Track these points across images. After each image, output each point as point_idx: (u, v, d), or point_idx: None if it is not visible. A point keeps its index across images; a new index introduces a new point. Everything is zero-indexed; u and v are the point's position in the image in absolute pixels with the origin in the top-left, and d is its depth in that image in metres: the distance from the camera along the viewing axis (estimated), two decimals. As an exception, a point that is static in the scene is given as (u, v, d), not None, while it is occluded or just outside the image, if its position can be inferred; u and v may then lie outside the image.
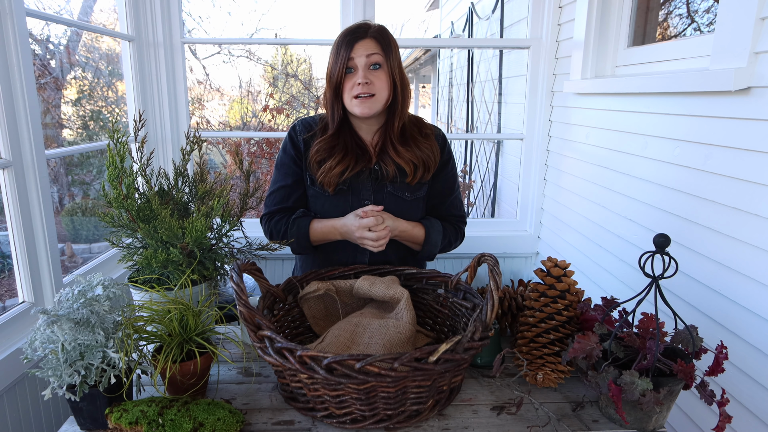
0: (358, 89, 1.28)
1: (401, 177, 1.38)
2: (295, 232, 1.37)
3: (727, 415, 0.92)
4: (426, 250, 1.44)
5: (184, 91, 2.18)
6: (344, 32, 1.32)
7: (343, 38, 1.30)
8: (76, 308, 0.96)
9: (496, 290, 0.97)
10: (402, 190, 1.40)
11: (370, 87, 1.29)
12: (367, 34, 1.30)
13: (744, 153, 1.17)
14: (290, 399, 1.04)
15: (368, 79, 1.28)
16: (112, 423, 0.90)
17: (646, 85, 1.49)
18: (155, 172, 1.34)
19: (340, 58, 1.29)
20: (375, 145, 1.41)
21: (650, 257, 0.97)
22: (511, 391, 1.11)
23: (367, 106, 1.30)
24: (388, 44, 1.31)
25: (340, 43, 1.30)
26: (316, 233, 1.37)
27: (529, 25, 2.24)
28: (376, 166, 1.39)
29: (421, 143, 1.39)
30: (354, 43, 1.29)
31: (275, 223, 1.41)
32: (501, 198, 3.63)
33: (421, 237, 1.41)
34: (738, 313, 1.19)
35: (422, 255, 1.46)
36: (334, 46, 1.33)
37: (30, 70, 1.39)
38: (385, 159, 1.38)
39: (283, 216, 1.41)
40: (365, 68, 1.29)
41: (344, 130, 1.38)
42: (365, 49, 1.29)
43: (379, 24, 1.35)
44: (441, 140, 1.46)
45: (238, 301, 0.95)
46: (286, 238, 1.38)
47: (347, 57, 1.29)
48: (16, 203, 1.38)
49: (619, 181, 1.67)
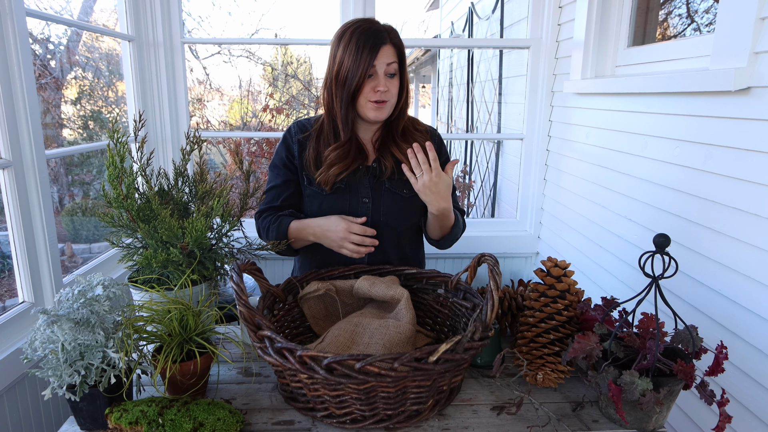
0: (377, 96, 1.28)
1: (399, 174, 1.39)
2: (275, 228, 1.37)
3: (727, 415, 0.92)
4: (453, 234, 1.42)
5: (184, 91, 2.18)
6: (362, 33, 1.26)
7: (365, 41, 1.25)
8: (76, 308, 0.96)
9: (496, 290, 0.97)
10: (399, 186, 1.40)
11: (387, 94, 1.29)
12: (388, 39, 1.28)
13: (744, 153, 1.17)
14: (290, 399, 1.04)
15: (387, 87, 1.29)
16: (112, 423, 0.90)
17: (646, 85, 1.49)
18: (155, 172, 1.34)
19: (362, 62, 1.24)
20: (374, 142, 1.42)
21: (650, 257, 0.97)
22: (511, 391, 1.11)
23: (382, 111, 1.31)
24: (402, 52, 1.33)
25: (361, 46, 1.25)
26: (292, 231, 1.37)
27: (529, 25, 2.24)
28: (374, 163, 1.40)
29: (418, 137, 1.42)
30: (378, 48, 1.25)
31: (262, 220, 1.42)
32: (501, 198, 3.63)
33: (452, 221, 1.39)
34: (738, 313, 1.19)
35: (445, 238, 1.43)
36: (349, 45, 1.26)
37: (30, 70, 1.39)
38: (384, 155, 1.39)
39: (270, 214, 1.42)
40: (384, 76, 1.28)
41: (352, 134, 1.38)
42: (387, 57, 1.27)
43: (391, 26, 1.32)
44: (437, 139, 1.48)
45: (238, 301, 0.95)
46: (268, 235, 1.39)
47: (371, 63, 1.25)
48: (16, 203, 1.38)
49: (619, 181, 1.67)
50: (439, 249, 1.51)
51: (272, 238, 1.37)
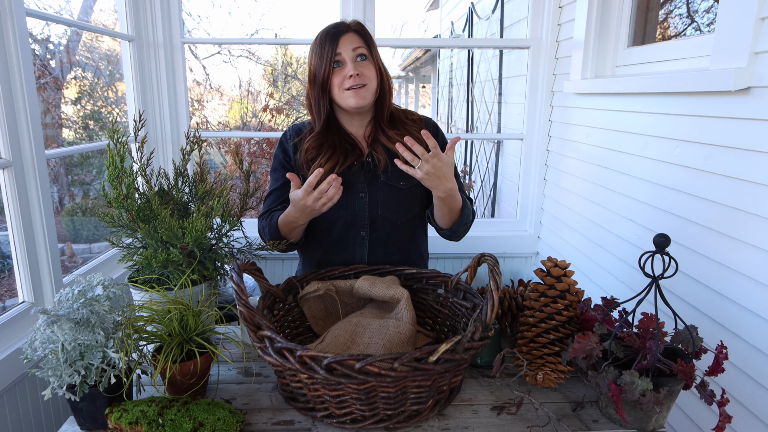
0: (350, 81, 1.30)
1: (393, 166, 1.37)
2: (268, 224, 1.39)
3: (727, 415, 0.92)
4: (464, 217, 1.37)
5: (184, 91, 2.18)
6: (324, 31, 1.33)
7: (325, 35, 1.32)
8: (76, 308, 0.96)
9: (496, 290, 0.97)
10: (396, 179, 1.40)
11: (362, 78, 1.31)
12: (349, 28, 1.33)
13: (744, 153, 1.17)
14: (290, 399, 1.04)
15: (358, 71, 1.31)
16: (112, 423, 0.90)
17: (646, 85, 1.49)
18: (155, 172, 1.34)
19: (326, 54, 1.31)
20: (367, 137, 1.43)
21: (650, 257, 0.97)
22: (511, 391, 1.11)
23: (362, 96, 1.32)
24: (368, 38, 1.36)
25: (322, 41, 1.32)
26: (281, 224, 1.36)
27: (529, 25, 2.24)
28: (368, 158, 1.40)
29: (410, 126, 1.43)
30: (338, 38, 1.31)
31: (260, 222, 1.44)
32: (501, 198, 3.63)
33: (459, 203, 1.35)
34: (738, 313, 1.19)
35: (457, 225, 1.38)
36: (315, 46, 1.34)
37: (30, 70, 1.38)
38: (376, 148, 1.40)
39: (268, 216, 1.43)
40: (353, 61, 1.31)
41: (331, 128, 1.40)
42: (350, 43, 1.31)
43: (356, 20, 1.37)
44: (432, 127, 1.48)
45: (238, 301, 0.95)
46: (266, 233, 1.40)
47: (333, 52, 1.30)
48: (16, 203, 1.38)
49: (619, 181, 1.67)
50: (455, 240, 1.46)
51: (268, 235, 1.38)
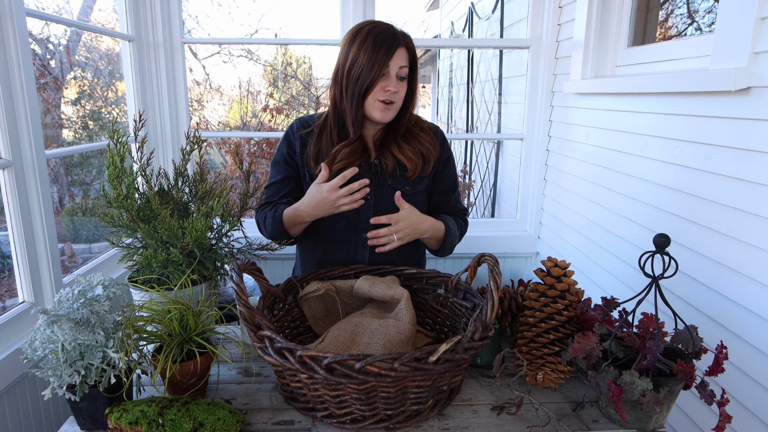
0: (386, 95, 1.29)
1: (401, 171, 1.40)
2: (271, 215, 1.38)
3: (727, 415, 0.92)
4: (448, 242, 1.43)
5: (184, 91, 2.18)
6: (379, 36, 1.27)
7: (382, 42, 1.26)
8: (76, 308, 0.96)
9: (496, 290, 0.97)
10: (402, 183, 1.41)
11: (395, 96, 1.30)
12: (404, 43, 1.30)
13: (744, 153, 1.17)
14: (290, 399, 1.04)
15: (397, 88, 1.30)
16: (112, 423, 0.90)
17: (646, 85, 1.49)
18: (155, 172, 1.34)
19: (378, 60, 1.26)
20: (376, 140, 1.42)
21: (650, 257, 0.97)
22: (511, 391, 1.11)
23: (389, 114, 1.32)
24: (415, 59, 1.34)
25: (378, 45, 1.26)
26: (286, 218, 1.36)
27: (529, 25, 2.24)
28: (376, 161, 1.40)
29: (421, 137, 1.42)
30: (394, 50, 1.27)
31: (260, 213, 1.43)
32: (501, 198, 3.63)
33: (442, 231, 1.41)
34: (738, 313, 1.19)
35: (443, 248, 1.45)
36: (366, 43, 1.27)
37: (30, 70, 1.38)
38: (385, 153, 1.39)
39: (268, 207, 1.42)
40: (395, 78, 1.30)
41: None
42: (401, 59, 1.29)
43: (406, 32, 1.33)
44: (440, 137, 1.49)
45: (238, 301, 0.95)
46: (266, 224, 1.39)
47: (386, 62, 1.27)
48: (16, 203, 1.38)
49: (619, 181, 1.67)
50: (440, 257, 1.52)
51: (269, 226, 1.37)
